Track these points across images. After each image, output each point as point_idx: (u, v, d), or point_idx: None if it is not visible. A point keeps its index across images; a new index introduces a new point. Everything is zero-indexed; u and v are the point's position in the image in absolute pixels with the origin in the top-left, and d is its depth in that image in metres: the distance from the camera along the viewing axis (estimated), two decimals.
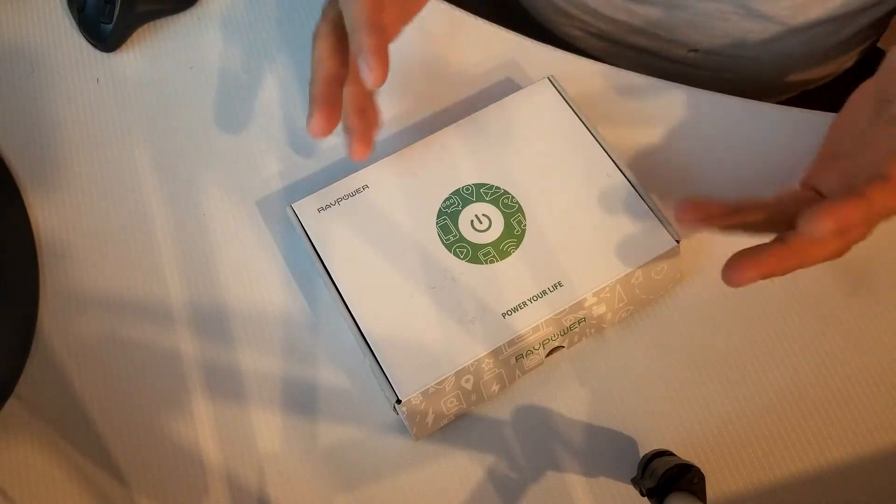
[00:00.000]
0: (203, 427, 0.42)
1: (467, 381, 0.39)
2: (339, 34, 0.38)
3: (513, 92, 0.46)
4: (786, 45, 0.58)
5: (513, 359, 0.40)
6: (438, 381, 0.38)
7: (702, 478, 0.36)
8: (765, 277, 0.34)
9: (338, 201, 0.43)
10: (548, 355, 0.41)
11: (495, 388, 0.40)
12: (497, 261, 0.41)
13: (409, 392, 0.38)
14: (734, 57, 0.60)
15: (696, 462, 0.39)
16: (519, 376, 0.41)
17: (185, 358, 0.43)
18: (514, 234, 0.42)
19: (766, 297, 0.44)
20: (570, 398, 0.42)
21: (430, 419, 0.39)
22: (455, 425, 0.41)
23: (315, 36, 0.39)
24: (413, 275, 0.41)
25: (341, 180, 0.43)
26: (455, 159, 0.43)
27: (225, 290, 0.44)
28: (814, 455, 0.41)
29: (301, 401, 0.42)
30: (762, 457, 0.41)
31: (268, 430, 0.41)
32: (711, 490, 0.40)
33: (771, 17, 0.55)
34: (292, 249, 0.45)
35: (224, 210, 0.46)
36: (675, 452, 0.40)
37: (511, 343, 0.39)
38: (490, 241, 0.41)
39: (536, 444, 0.41)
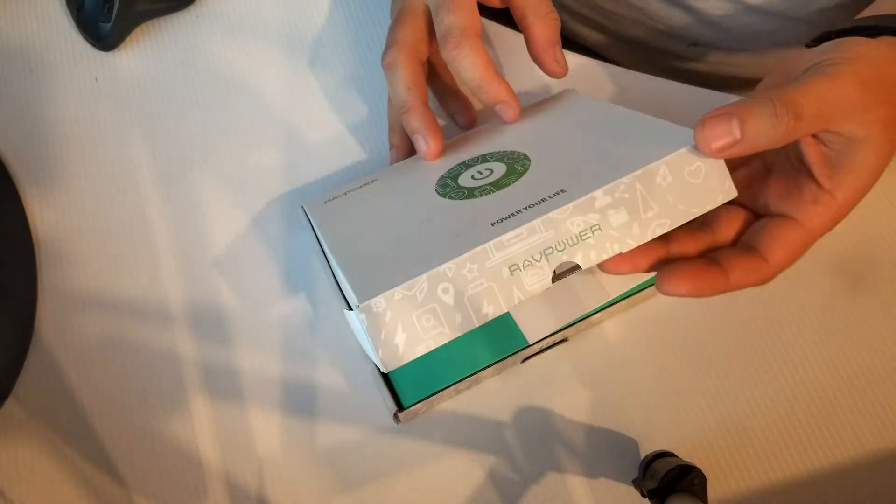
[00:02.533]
0: (202, 428, 0.41)
1: (445, 290, 0.32)
2: (416, 55, 0.42)
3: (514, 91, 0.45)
4: (787, 38, 0.57)
5: (505, 269, 0.32)
6: (407, 285, 0.31)
7: (703, 479, 0.36)
8: (694, 295, 0.34)
9: (345, 193, 0.42)
10: (554, 284, 0.34)
11: (488, 308, 0.32)
12: (494, 192, 0.36)
13: (370, 295, 0.31)
14: (735, 51, 0.60)
15: (697, 463, 0.39)
16: (519, 299, 0.33)
17: (183, 358, 0.43)
18: (515, 172, 0.37)
19: (768, 297, 0.44)
20: (570, 398, 0.42)
21: (399, 341, 0.32)
22: (455, 426, 0.41)
23: (392, 65, 0.41)
24: (400, 222, 0.37)
25: (353, 181, 0.43)
26: (465, 150, 0.43)
27: (224, 290, 0.44)
28: (815, 456, 0.41)
29: (300, 402, 0.42)
30: (763, 458, 0.41)
31: (267, 430, 0.41)
32: (713, 491, 0.40)
33: (770, 11, 0.55)
34: (292, 249, 0.45)
35: (223, 210, 0.46)
36: (676, 453, 0.39)
37: (499, 246, 0.32)
38: (489, 182, 0.38)
39: (536, 445, 0.41)
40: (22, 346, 0.42)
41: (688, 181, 0.34)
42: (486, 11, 0.52)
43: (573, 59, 0.50)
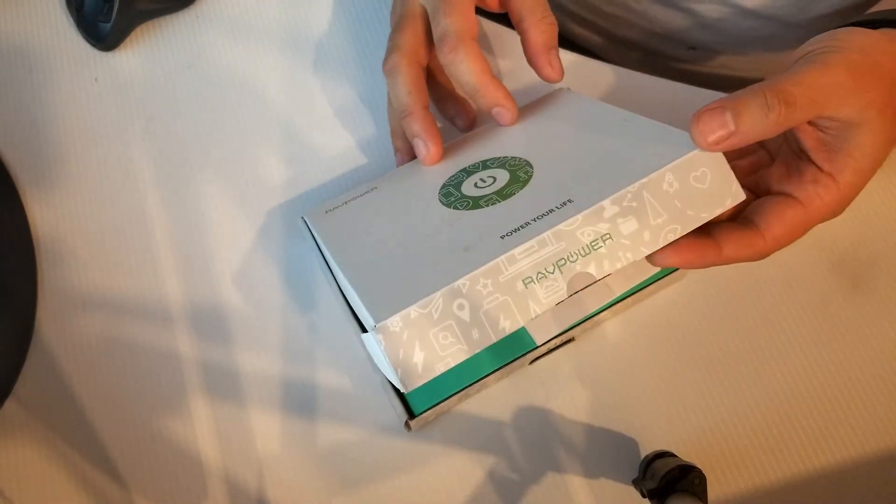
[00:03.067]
0: (202, 427, 0.41)
1: (461, 307, 0.32)
2: (417, 60, 0.42)
3: (512, 89, 0.45)
4: (786, 42, 0.57)
5: (520, 283, 0.32)
6: (422, 303, 0.31)
7: (703, 479, 0.36)
8: (684, 266, 0.34)
9: (346, 203, 0.42)
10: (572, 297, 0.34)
11: (505, 323, 0.32)
12: (500, 202, 0.36)
13: (386, 315, 0.31)
14: (734, 55, 0.60)
15: (697, 463, 0.39)
16: (536, 312, 0.33)
17: (183, 358, 0.43)
18: (519, 180, 0.37)
19: (768, 297, 0.44)
20: (570, 398, 0.42)
21: (418, 359, 0.32)
22: (456, 425, 0.41)
23: (394, 70, 0.41)
24: (407, 235, 0.37)
25: (352, 189, 0.43)
26: (464, 155, 0.43)
27: (224, 290, 0.44)
28: (816, 455, 0.41)
29: (300, 401, 0.42)
30: (764, 457, 0.41)
31: (267, 430, 0.41)
32: (713, 491, 0.40)
33: (770, 16, 0.55)
34: (291, 249, 0.45)
35: (222, 210, 0.46)
36: (676, 453, 0.39)
37: (511, 259, 0.32)
38: (493, 191, 0.37)
39: (536, 445, 0.41)
40: (22, 346, 0.42)
41: (694, 186, 0.34)
42: (485, 12, 0.52)
43: (572, 58, 0.50)
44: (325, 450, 0.41)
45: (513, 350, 0.40)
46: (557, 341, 0.41)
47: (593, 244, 0.33)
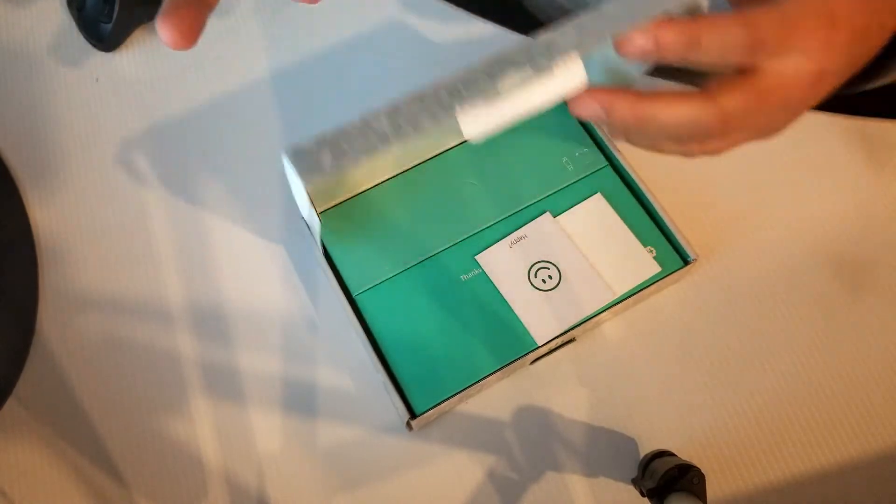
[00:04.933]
0: (202, 427, 0.41)
1: (378, 120, 0.32)
2: None
3: None
4: None
5: (443, 93, 0.31)
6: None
7: (702, 478, 0.36)
8: (604, 117, 0.34)
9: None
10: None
11: (426, 122, 0.31)
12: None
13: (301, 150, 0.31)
14: None
15: (696, 462, 0.39)
16: (457, 110, 0.31)
17: (184, 358, 0.43)
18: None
19: (768, 297, 0.44)
20: (570, 398, 0.42)
21: (326, 161, 0.31)
22: (456, 425, 0.41)
23: None
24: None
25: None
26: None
27: (224, 289, 0.44)
28: (814, 455, 0.41)
29: (301, 401, 0.42)
30: (763, 457, 0.41)
31: (267, 430, 0.41)
32: (712, 491, 0.40)
33: None
34: (292, 248, 0.45)
35: (223, 210, 0.46)
36: (675, 453, 0.39)
37: (437, 86, 0.31)
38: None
39: (536, 444, 0.41)
40: (23, 346, 0.42)
41: None
42: (487, 13, 0.52)
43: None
44: (325, 450, 0.41)
45: (514, 350, 0.40)
46: (558, 342, 0.41)
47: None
